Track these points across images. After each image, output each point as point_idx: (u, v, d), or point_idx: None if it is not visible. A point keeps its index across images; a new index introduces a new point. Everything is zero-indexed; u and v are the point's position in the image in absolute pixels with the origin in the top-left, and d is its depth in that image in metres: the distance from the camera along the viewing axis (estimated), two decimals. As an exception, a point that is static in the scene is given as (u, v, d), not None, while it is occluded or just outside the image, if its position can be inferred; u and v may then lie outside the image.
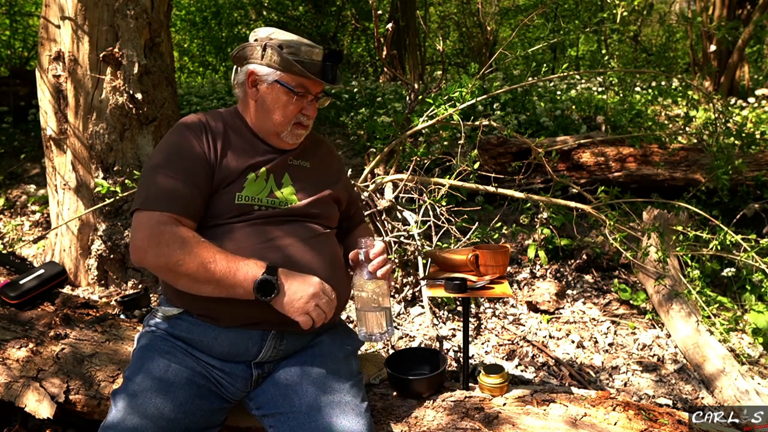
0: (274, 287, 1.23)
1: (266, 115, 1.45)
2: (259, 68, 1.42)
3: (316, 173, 1.54)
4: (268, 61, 1.40)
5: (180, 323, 1.38)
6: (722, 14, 7.55)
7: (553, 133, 4.91)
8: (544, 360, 2.49)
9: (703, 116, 5.29)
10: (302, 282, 1.27)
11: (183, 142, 1.40)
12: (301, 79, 1.41)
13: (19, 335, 1.77)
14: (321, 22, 9.50)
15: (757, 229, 3.61)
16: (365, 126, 5.17)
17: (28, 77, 4.42)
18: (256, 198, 1.40)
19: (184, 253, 1.24)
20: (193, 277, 1.24)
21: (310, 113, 1.46)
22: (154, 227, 1.28)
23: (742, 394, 2.11)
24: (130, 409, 1.22)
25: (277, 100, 1.43)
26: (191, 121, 1.45)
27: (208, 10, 9.41)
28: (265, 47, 1.40)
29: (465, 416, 1.43)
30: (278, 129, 1.46)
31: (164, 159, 1.38)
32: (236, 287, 1.24)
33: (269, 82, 1.42)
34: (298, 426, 1.26)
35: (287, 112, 1.44)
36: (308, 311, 1.26)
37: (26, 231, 3.71)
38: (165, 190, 1.33)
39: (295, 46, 1.40)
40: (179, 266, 1.24)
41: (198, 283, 1.25)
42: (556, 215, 3.39)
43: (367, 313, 1.38)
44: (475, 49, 10.30)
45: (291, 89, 1.41)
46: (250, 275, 1.23)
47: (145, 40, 2.74)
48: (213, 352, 1.36)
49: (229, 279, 1.23)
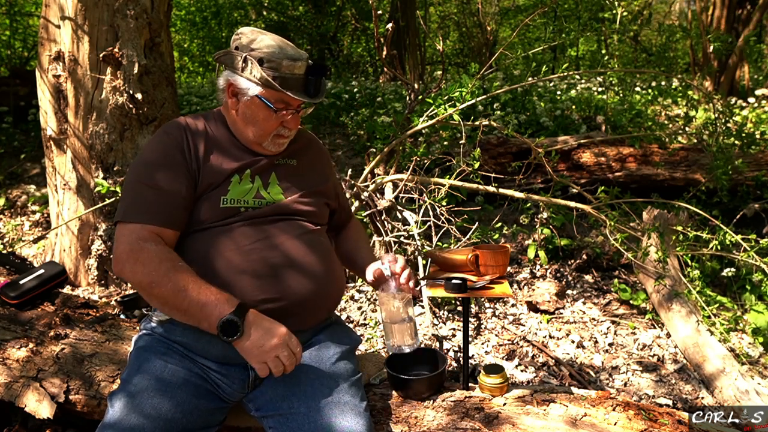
0: (237, 329, 1.20)
1: (245, 126, 1.43)
2: (239, 80, 1.38)
3: (304, 171, 1.53)
4: (248, 75, 1.36)
5: (174, 328, 1.38)
6: (722, 14, 7.55)
7: (553, 133, 4.91)
8: (544, 360, 2.49)
9: (703, 116, 5.29)
10: (268, 330, 1.23)
11: (164, 150, 1.38)
12: (281, 95, 1.37)
13: (19, 335, 1.77)
14: (321, 22, 9.50)
15: (757, 229, 3.61)
16: (365, 126, 5.17)
17: (28, 77, 4.42)
18: (242, 200, 1.39)
19: (159, 275, 1.23)
20: (164, 301, 1.25)
21: (290, 126, 1.43)
22: (134, 243, 1.28)
23: (742, 394, 2.11)
24: (128, 409, 1.22)
25: (256, 114, 1.40)
26: (172, 128, 1.43)
27: (208, 10, 9.41)
28: (246, 60, 1.36)
29: (465, 416, 1.43)
30: (258, 140, 1.44)
31: (145, 169, 1.37)
32: (202, 321, 1.22)
33: (249, 96, 1.39)
34: (297, 427, 1.26)
35: (266, 126, 1.41)
36: (266, 361, 1.22)
37: (26, 231, 3.71)
38: (146, 202, 1.32)
39: (276, 61, 1.35)
40: (152, 288, 1.24)
41: (168, 307, 1.26)
42: (556, 215, 3.39)
43: (395, 326, 1.41)
44: (475, 49, 10.30)
45: (270, 105, 1.38)
46: (216, 312, 1.21)
47: (145, 40, 2.75)
48: (209, 355, 1.36)
49: (196, 311, 1.22)
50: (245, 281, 1.33)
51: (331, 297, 1.48)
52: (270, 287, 1.33)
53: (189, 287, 1.23)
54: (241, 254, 1.34)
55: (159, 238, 1.31)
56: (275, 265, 1.35)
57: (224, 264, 1.33)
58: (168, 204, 1.33)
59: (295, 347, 1.26)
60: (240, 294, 1.29)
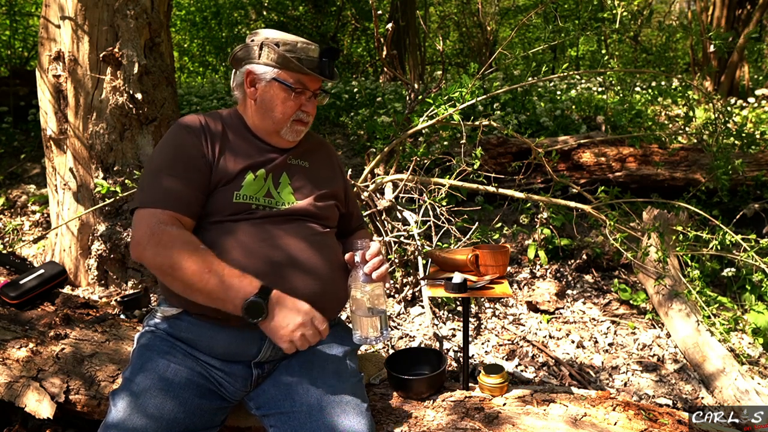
0: (262, 310, 1.22)
1: (265, 114, 1.46)
2: (256, 67, 1.43)
3: (315, 173, 1.54)
4: (265, 59, 1.41)
5: (179, 323, 1.38)
6: (722, 14, 7.55)
7: (553, 133, 4.91)
8: (544, 360, 2.49)
9: (703, 116, 5.29)
10: (292, 309, 1.25)
11: (182, 142, 1.41)
12: (298, 75, 1.43)
13: (20, 335, 1.77)
14: (321, 22, 9.51)
15: (757, 229, 3.61)
16: (365, 126, 5.17)
17: (28, 77, 4.43)
18: (254, 197, 1.41)
19: (183, 257, 1.23)
20: (188, 284, 1.24)
21: (309, 110, 1.48)
22: (156, 226, 1.28)
23: (742, 394, 2.11)
24: (131, 409, 1.22)
25: (276, 97, 1.44)
26: (189, 121, 1.45)
27: (208, 10, 9.40)
28: (262, 46, 1.41)
29: (465, 416, 1.43)
30: (278, 126, 1.47)
31: (164, 159, 1.39)
32: (226, 302, 1.22)
33: (267, 80, 1.43)
34: (299, 425, 1.26)
35: (286, 109, 1.45)
36: (293, 339, 1.24)
37: (26, 231, 3.71)
38: (166, 190, 1.33)
39: (291, 44, 1.41)
40: (174, 270, 1.23)
41: (190, 290, 1.25)
42: (556, 215, 3.39)
43: (359, 317, 1.37)
44: (475, 49, 10.30)
45: (289, 86, 1.42)
46: (241, 294, 1.21)
47: (145, 40, 2.75)
48: (213, 352, 1.36)
49: (220, 293, 1.22)
50: None
51: (336, 299, 1.48)
52: (275, 287, 1.33)
53: (213, 269, 1.23)
54: (248, 253, 1.34)
55: (179, 223, 1.31)
56: (280, 265, 1.36)
57: (231, 261, 1.33)
58: (186, 193, 1.34)
59: (320, 324, 1.27)
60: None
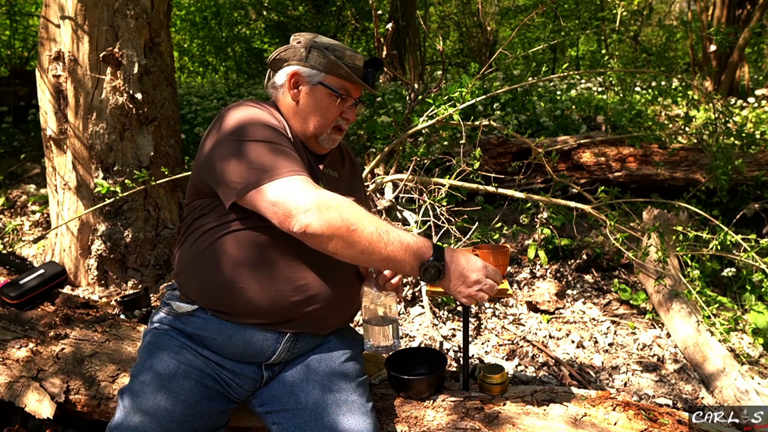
0: (440, 272, 1.25)
1: (306, 118, 1.44)
2: (302, 69, 1.41)
3: (343, 183, 1.55)
4: (313, 62, 1.40)
5: (193, 320, 1.36)
6: (722, 14, 7.55)
7: (553, 133, 4.91)
8: (544, 360, 2.49)
9: (703, 116, 5.29)
10: (465, 267, 1.27)
11: (267, 122, 1.34)
12: (344, 82, 1.42)
13: (20, 335, 1.77)
14: (321, 22, 9.50)
15: (757, 229, 3.61)
16: (365, 126, 5.17)
17: (28, 77, 4.42)
18: None
19: (359, 218, 1.20)
20: (366, 245, 1.20)
21: (350, 117, 1.47)
22: (314, 191, 1.21)
23: (742, 394, 2.11)
24: (139, 410, 1.22)
25: (320, 102, 1.42)
26: (260, 108, 1.38)
27: (208, 10, 9.39)
28: (310, 49, 1.40)
29: (465, 416, 1.43)
30: (318, 132, 1.45)
31: (265, 136, 1.29)
32: (404, 264, 1.24)
33: (313, 83, 1.41)
34: (303, 423, 1.26)
35: (329, 115, 1.43)
36: (471, 295, 1.28)
37: (26, 231, 3.70)
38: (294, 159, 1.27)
39: (341, 50, 1.41)
40: (353, 232, 1.19)
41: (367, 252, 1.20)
42: (556, 215, 3.38)
43: (371, 326, 1.39)
44: (475, 49, 10.30)
45: (335, 91, 1.41)
46: (418, 255, 1.23)
47: (145, 40, 2.75)
48: (225, 352, 1.35)
49: (399, 252, 1.22)
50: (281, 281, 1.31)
51: (351, 305, 1.48)
52: (292, 288, 1.32)
53: (388, 229, 1.22)
54: (291, 257, 1.32)
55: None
56: (307, 270, 1.34)
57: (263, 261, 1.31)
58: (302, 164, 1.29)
59: (493, 276, 1.29)
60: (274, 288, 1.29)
